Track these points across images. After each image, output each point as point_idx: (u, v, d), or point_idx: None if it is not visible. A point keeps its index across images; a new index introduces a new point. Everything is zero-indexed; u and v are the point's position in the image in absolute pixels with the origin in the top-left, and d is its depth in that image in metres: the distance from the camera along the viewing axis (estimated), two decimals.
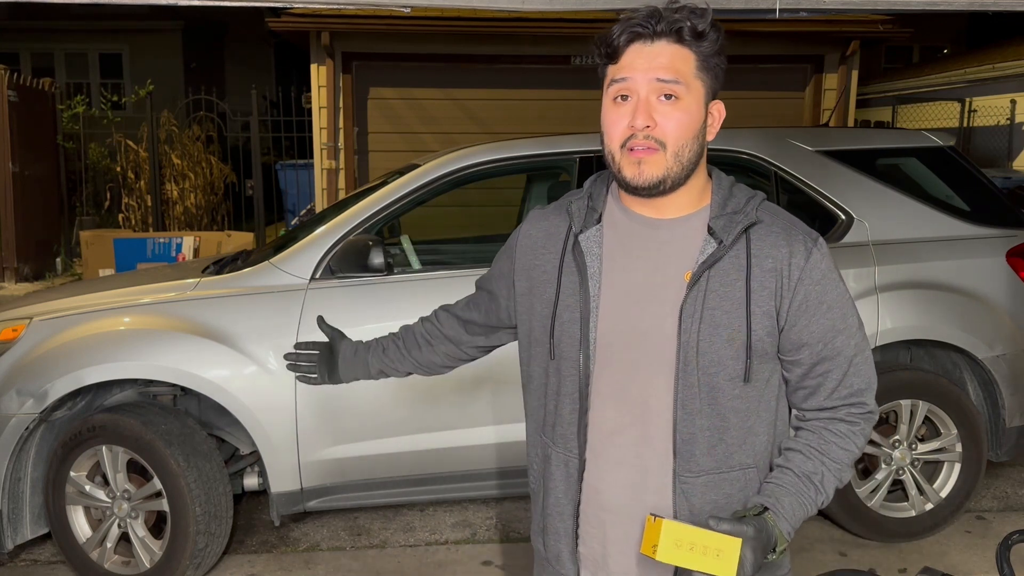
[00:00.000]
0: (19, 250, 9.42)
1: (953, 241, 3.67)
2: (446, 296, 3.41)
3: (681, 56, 1.36)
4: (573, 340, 1.44)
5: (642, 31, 1.35)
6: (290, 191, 10.55)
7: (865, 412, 1.45)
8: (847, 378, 1.43)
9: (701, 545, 1.26)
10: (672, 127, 1.36)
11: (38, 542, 3.62)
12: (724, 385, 1.39)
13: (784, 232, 1.42)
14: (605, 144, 1.41)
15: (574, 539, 1.50)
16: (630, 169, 1.38)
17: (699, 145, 1.40)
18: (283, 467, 3.29)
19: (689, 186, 1.43)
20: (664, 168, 1.37)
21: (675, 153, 1.37)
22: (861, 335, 1.45)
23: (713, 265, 1.39)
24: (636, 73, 1.36)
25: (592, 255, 1.45)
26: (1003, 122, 13.50)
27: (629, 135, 1.36)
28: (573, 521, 1.49)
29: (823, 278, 1.41)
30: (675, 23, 1.34)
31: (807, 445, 1.43)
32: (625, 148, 1.38)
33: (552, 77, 8.83)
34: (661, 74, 1.35)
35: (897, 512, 3.62)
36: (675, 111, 1.36)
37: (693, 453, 1.40)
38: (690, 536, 1.26)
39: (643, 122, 1.35)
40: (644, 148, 1.36)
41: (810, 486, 1.40)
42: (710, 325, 1.38)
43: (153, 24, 15.45)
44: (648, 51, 1.36)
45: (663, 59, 1.35)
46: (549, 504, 1.52)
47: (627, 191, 1.42)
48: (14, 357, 3.29)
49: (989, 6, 3.35)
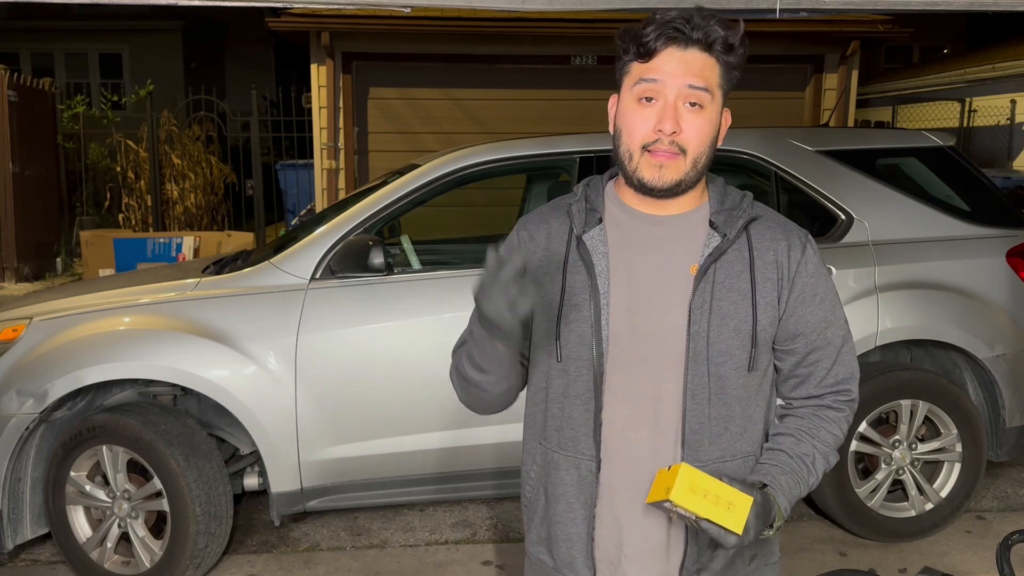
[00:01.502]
0: (19, 250, 9.42)
1: (953, 241, 3.67)
2: (446, 296, 3.44)
3: (710, 65, 1.38)
4: (583, 338, 1.44)
5: (679, 35, 1.36)
6: (290, 191, 10.55)
7: (849, 400, 1.52)
8: (834, 367, 1.50)
9: (715, 494, 1.27)
10: (695, 135, 1.38)
11: (38, 542, 3.62)
12: (731, 375, 1.43)
13: (781, 227, 1.49)
14: (623, 141, 1.42)
15: (589, 543, 1.49)
16: (649, 171, 1.39)
17: (713, 152, 1.43)
18: (283, 467, 3.29)
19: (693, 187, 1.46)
20: (683, 173, 1.40)
21: (694, 160, 1.40)
22: (846, 327, 1.52)
23: (719, 258, 1.43)
24: (667, 77, 1.36)
25: (599, 253, 1.46)
26: (1003, 122, 13.50)
27: (654, 139, 1.38)
28: (588, 525, 1.48)
29: (816, 271, 1.48)
30: (711, 34, 1.36)
31: (798, 429, 1.49)
32: (646, 150, 1.39)
33: (552, 77, 8.84)
34: (693, 80, 1.36)
35: (897, 512, 3.62)
36: (699, 119, 1.38)
37: (701, 443, 1.43)
38: (705, 483, 1.27)
39: (671, 127, 1.36)
40: (667, 153, 1.38)
41: (803, 466, 1.46)
42: (718, 316, 1.41)
43: (153, 24, 15.45)
44: (681, 56, 1.37)
45: (695, 66, 1.37)
46: (557, 512, 1.51)
47: (640, 191, 1.44)
48: (14, 357, 3.29)
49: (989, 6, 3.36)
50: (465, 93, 8.92)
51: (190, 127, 10.46)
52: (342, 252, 3.34)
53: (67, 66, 16.02)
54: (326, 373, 3.29)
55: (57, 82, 11.14)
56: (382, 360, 3.34)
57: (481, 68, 8.86)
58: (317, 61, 8.62)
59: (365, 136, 8.93)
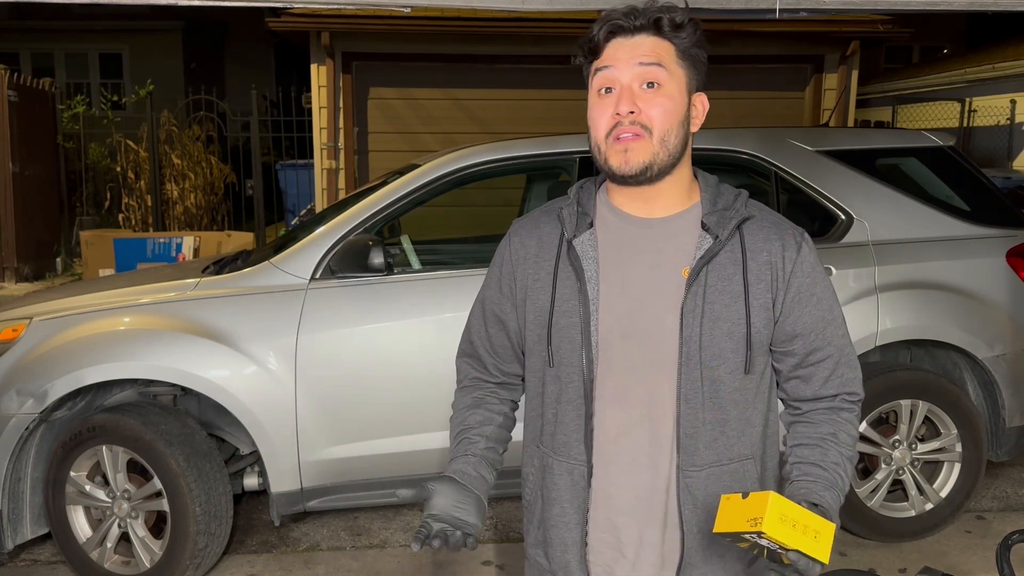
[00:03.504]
0: (19, 250, 9.42)
1: (953, 241, 3.67)
2: (446, 296, 3.44)
3: (663, 47, 1.39)
4: (573, 345, 1.44)
5: (623, 25, 1.39)
6: (290, 191, 10.55)
7: (857, 400, 1.51)
8: (839, 367, 1.48)
9: (803, 524, 1.22)
10: (657, 112, 1.38)
11: (38, 542, 3.62)
12: (725, 378, 1.41)
13: (775, 227, 1.46)
14: (592, 137, 1.43)
15: (583, 548, 1.49)
16: (616, 157, 1.39)
17: (684, 132, 1.42)
18: (283, 467, 3.29)
19: (677, 181, 1.44)
20: (651, 153, 1.38)
21: (661, 139, 1.38)
22: (845, 327, 1.51)
23: (711, 260, 1.41)
24: (618, 63, 1.38)
25: (588, 258, 1.45)
26: (1003, 122, 13.50)
27: (614, 123, 1.38)
28: (581, 529, 1.48)
29: (812, 271, 1.46)
30: (653, 15, 1.39)
31: (821, 439, 1.46)
32: (611, 137, 1.39)
33: (552, 77, 8.83)
34: (643, 58, 1.37)
35: (897, 512, 3.62)
36: (658, 96, 1.38)
37: (696, 447, 1.41)
38: (794, 513, 1.23)
39: (627, 107, 1.37)
40: (630, 135, 1.37)
41: (838, 476, 1.43)
42: (711, 319, 1.40)
43: (153, 24, 15.45)
44: (629, 43, 1.39)
45: (645, 48, 1.38)
46: (552, 515, 1.51)
47: (615, 181, 1.44)
48: (14, 357, 3.29)
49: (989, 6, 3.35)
50: (465, 93, 8.92)
51: (190, 127, 10.46)
52: (342, 252, 3.34)
53: (67, 66, 16.02)
54: (326, 373, 3.28)
55: (57, 82, 11.14)
56: (382, 360, 3.34)
57: (481, 68, 8.86)
58: (317, 61, 8.62)
59: (365, 136, 8.93)
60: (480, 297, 1.63)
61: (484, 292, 1.62)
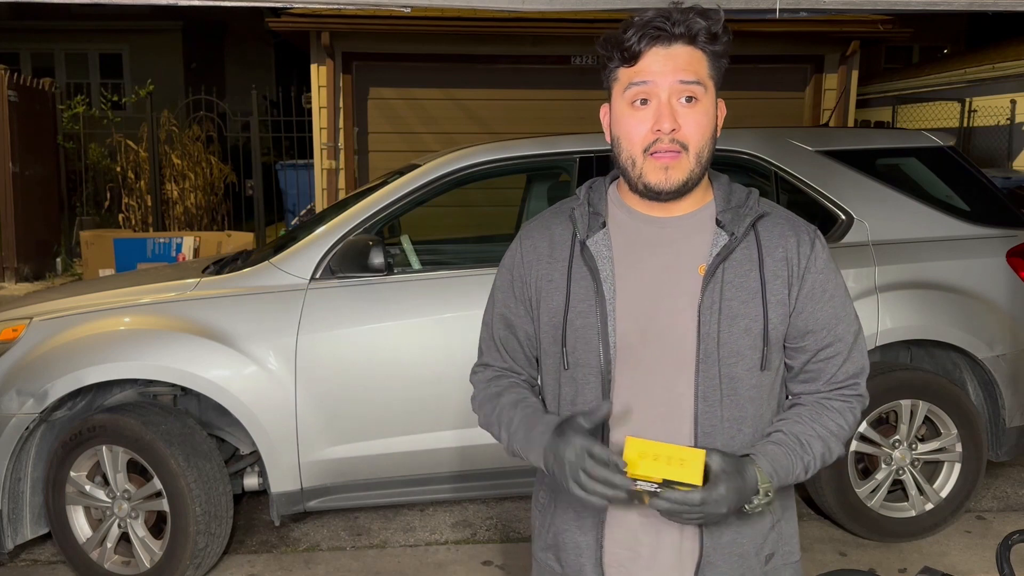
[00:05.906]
0: (19, 250, 9.42)
1: (953, 241, 3.67)
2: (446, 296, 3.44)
3: (697, 58, 1.37)
4: (590, 346, 1.43)
5: (661, 33, 1.35)
6: (290, 191, 10.55)
7: (858, 394, 1.49)
8: (845, 364, 1.48)
9: (666, 455, 1.28)
10: (694, 129, 1.36)
11: (38, 542, 3.62)
12: (743, 375, 1.41)
13: (789, 223, 1.47)
14: (624, 149, 1.40)
15: (598, 550, 1.48)
16: (656, 175, 1.38)
17: (714, 145, 1.41)
18: (283, 467, 3.29)
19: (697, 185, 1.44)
20: (688, 171, 1.38)
21: (697, 155, 1.38)
22: (857, 323, 1.50)
23: (727, 257, 1.41)
24: (657, 77, 1.35)
25: (603, 258, 1.44)
26: (1003, 122, 13.50)
27: (653, 139, 1.36)
28: (597, 532, 1.47)
29: (825, 267, 1.46)
30: (693, 26, 1.35)
31: (797, 414, 1.46)
32: (648, 153, 1.37)
33: (552, 77, 8.84)
34: (683, 76, 1.35)
35: (897, 512, 3.62)
36: (695, 113, 1.36)
37: (714, 444, 1.41)
38: (655, 448, 1.29)
39: (669, 125, 1.35)
40: (670, 153, 1.36)
41: (797, 443, 1.42)
42: (728, 316, 1.40)
43: (153, 24, 15.46)
44: (666, 53, 1.35)
45: (682, 61, 1.35)
46: (566, 520, 1.50)
47: (648, 197, 1.42)
48: (14, 357, 3.29)
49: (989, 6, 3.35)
50: (465, 93, 8.92)
51: (190, 127, 10.46)
52: (342, 252, 3.34)
53: (67, 66, 16.02)
54: (326, 373, 3.28)
55: (57, 82, 11.13)
56: (382, 360, 3.34)
57: (481, 68, 8.87)
58: (317, 61, 8.62)
59: (365, 136, 8.94)
60: (490, 304, 1.60)
61: (494, 297, 1.59)
